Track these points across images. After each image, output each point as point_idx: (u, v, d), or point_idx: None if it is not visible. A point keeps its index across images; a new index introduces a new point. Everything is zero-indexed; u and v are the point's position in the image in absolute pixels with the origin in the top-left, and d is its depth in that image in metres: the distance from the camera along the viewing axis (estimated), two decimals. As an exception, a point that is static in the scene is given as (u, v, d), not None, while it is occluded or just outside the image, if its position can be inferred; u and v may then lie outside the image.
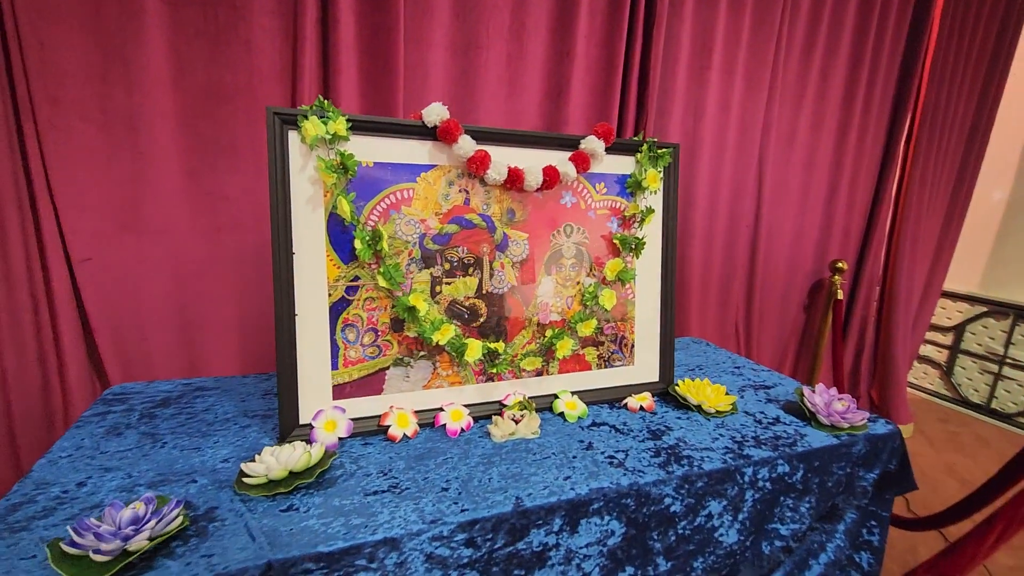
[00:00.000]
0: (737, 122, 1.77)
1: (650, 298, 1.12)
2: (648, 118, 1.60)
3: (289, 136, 0.84)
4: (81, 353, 1.26)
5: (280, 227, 0.83)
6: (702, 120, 1.72)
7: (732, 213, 1.85)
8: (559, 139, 1.00)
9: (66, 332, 1.23)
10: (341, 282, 0.89)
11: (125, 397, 1.02)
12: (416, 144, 0.91)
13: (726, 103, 1.74)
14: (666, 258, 1.11)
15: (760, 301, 1.97)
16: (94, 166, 1.18)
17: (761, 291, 1.96)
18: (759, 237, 1.89)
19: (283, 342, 0.85)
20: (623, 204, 1.07)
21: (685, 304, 1.83)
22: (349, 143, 0.87)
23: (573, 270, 1.05)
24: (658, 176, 1.05)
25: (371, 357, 0.92)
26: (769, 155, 1.83)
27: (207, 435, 0.89)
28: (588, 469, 0.83)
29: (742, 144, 1.80)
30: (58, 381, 1.26)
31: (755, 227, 1.89)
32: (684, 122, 1.71)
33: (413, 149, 0.91)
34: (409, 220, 0.92)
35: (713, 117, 1.73)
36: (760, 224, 1.88)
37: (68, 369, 1.24)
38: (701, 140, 1.72)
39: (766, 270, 1.96)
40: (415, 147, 0.91)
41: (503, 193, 0.98)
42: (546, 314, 1.03)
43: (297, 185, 0.85)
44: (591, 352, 1.08)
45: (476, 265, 0.97)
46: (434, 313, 0.94)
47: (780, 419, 1.03)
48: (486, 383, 1.01)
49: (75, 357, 1.24)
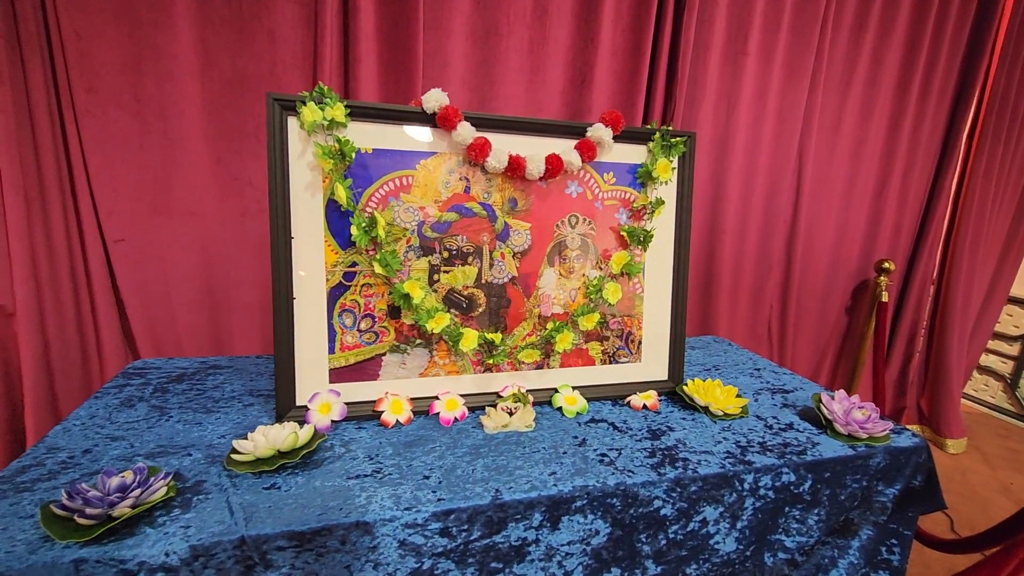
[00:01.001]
0: (775, 111, 1.68)
1: (660, 294, 1.08)
2: (677, 107, 1.53)
3: (288, 122, 0.85)
4: (116, 327, 1.34)
5: (279, 212, 0.85)
6: (736, 109, 1.63)
7: (768, 208, 1.75)
8: (565, 127, 0.97)
9: (102, 307, 1.31)
10: (339, 267, 0.90)
11: (144, 371, 1.07)
12: (416, 131, 0.91)
13: (763, 90, 1.65)
14: (678, 253, 1.07)
15: (797, 302, 1.86)
16: (127, 151, 1.25)
17: (798, 291, 1.86)
18: (797, 233, 1.78)
19: (281, 325, 0.87)
20: (633, 195, 1.03)
21: (713, 303, 1.76)
22: (348, 130, 0.87)
23: (578, 262, 1.02)
24: (670, 166, 1.00)
25: (368, 343, 0.93)
26: (810, 146, 1.72)
27: (211, 411, 0.92)
28: (576, 466, 0.81)
29: (780, 134, 1.70)
30: (95, 351, 1.34)
31: (793, 222, 1.79)
32: (716, 111, 1.63)
33: (413, 136, 0.91)
34: (408, 207, 0.92)
35: (748, 106, 1.64)
36: (799, 219, 1.77)
37: (104, 341, 1.33)
38: (735, 130, 1.64)
39: (805, 269, 1.85)
40: (415, 134, 0.91)
41: (505, 182, 0.96)
42: (548, 306, 1.01)
43: (296, 170, 0.86)
44: (595, 347, 1.06)
45: (475, 254, 0.96)
46: (430, 301, 0.94)
47: (793, 425, 0.97)
48: (484, 374, 1.00)
49: (110, 331, 1.33)
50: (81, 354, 1.33)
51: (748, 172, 1.69)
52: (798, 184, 1.76)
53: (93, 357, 1.34)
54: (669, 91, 1.54)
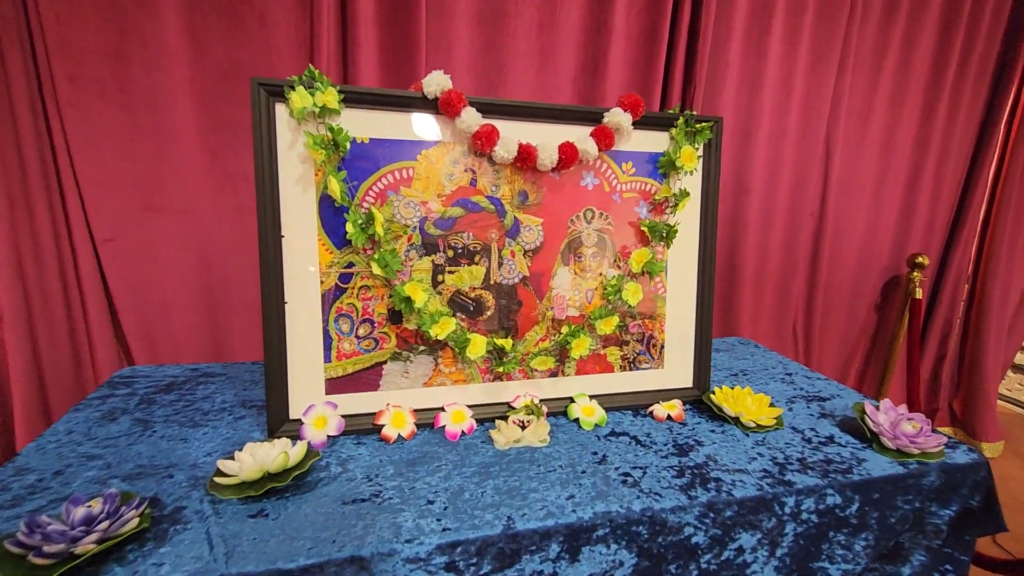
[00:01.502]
0: (801, 98, 1.58)
1: (684, 294, 0.99)
2: (696, 94, 1.44)
3: (276, 109, 0.77)
4: (108, 332, 1.28)
5: (267, 208, 0.78)
6: (759, 96, 1.53)
7: (793, 200, 1.65)
8: (579, 112, 0.89)
9: (93, 311, 1.24)
10: (334, 268, 0.82)
11: (131, 380, 1.00)
12: (416, 118, 0.83)
13: (788, 76, 1.55)
14: (704, 249, 0.98)
15: (824, 300, 1.77)
16: (115, 145, 1.18)
17: (826, 288, 1.76)
18: (824, 227, 1.68)
19: (271, 332, 0.80)
20: (654, 186, 0.94)
21: (735, 302, 1.66)
22: (342, 117, 0.79)
23: (594, 260, 0.94)
24: (695, 154, 0.91)
25: (367, 350, 0.85)
26: (838, 135, 1.62)
27: (199, 425, 0.85)
28: (597, 487, 0.73)
29: (806, 123, 1.60)
30: (89, 358, 1.28)
31: (820, 216, 1.69)
32: (738, 98, 1.53)
33: (413, 124, 0.83)
34: (408, 202, 0.84)
35: (772, 92, 1.55)
36: (826, 213, 1.67)
37: (97, 347, 1.27)
38: (758, 118, 1.54)
39: (832, 265, 1.75)
40: (415, 121, 0.83)
41: (514, 173, 0.88)
42: (562, 309, 0.93)
43: (286, 163, 0.78)
44: (614, 352, 0.97)
45: (483, 253, 0.88)
46: (434, 304, 0.86)
47: (835, 439, 0.88)
48: (493, 383, 0.92)
49: (103, 336, 1.26)
50: (74, 360, 1.27)
51: (773, 163, 1.59)
52: (825, 175, 1.65)
53: (87, 363, 1.28)
54: (688, 76, 1.45)
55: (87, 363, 1.28)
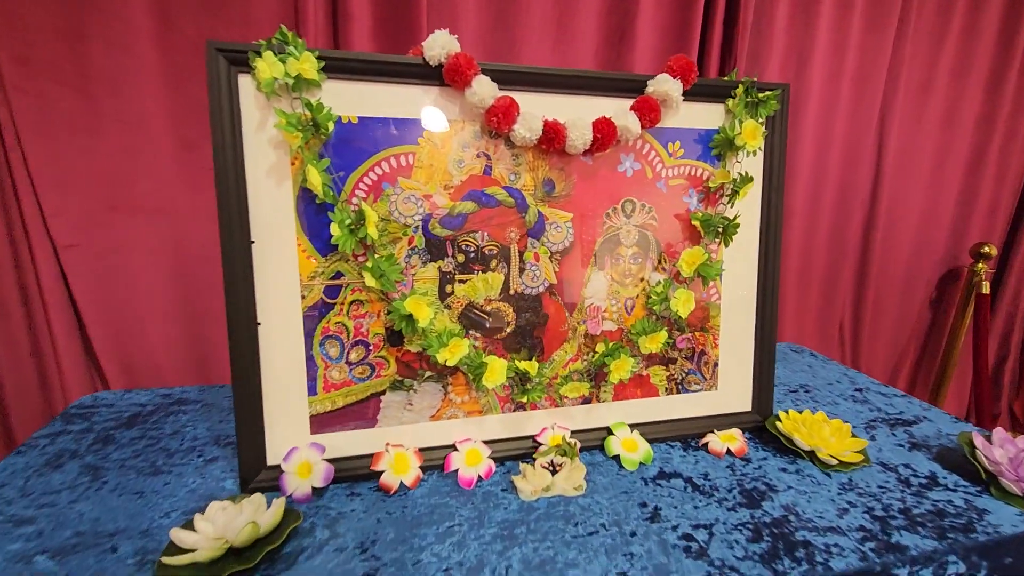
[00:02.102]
0: (853, 69, 1.39)
1: (742, 300, 0.82)
2: (737, 65, 1.26)
3: (240, 82, 0.61)
4: (77, 350, 1.13)
5: (231, 207, 0.62)
6: (807, 68, 1.35)
7: (843, 185, 1.47)
8: (617, 81, 0.72)
9: (59, 326, 1.10)
10: (318, 280, 0.67)
11: (90, 412, 0.86)
12: (417, 92, 0.66)
13: (840, 45, 1.36)
14: (767, 245, 0.81)
15: (875, 295, 1.59)
16: (74, 137, 1.03)
17: (877, 282, 1.58)
18: (877, 214, 1.50)
19: (241, 360, 0.64)
20: (707, 171, 0.78)
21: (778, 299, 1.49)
22: (323, 91, 0.63)
23: (635, 262, 0.77)
24: (759, 130, 0.74)
25: (361, 379, 0.70)
26: (895, 110, 1.43)
27: (160, 472, 0.70)
28: (654, 559, 0.57)
29: (859, 97, 1.41)
30: (57, 379, 1.14)
31: (872, 202, 1.51)
32: (783, 71, 1.35)
33: (413, 98, 0.66)
34: (409, 196, 0.68)
35: (822, 64, 1.36)
36: (879, 198, 1.49)
37: (65, 367, 1.12)
38: (806, 94, 1.36)
39: (884, 256, 1.57)
40: (415, 96, 0.66)
41: (538, 158, 0.71)
42: (597, 322, 0.77)
43: (254, 149, 0.62)
44: (658, 373, 0.81)
45: (501, 257, 0.72)
46: (443, 321, 0.70)
47: (938, 479, 0.72)
48: (515, 412, 0.76)
49: (71, 354, 1.12)
50: (40, 383, 1.13)
51: (821, 142, 1.41)
52: (879, 155, 1.47)
53: (55, 386, 1.14)
54: (727, 46, 1.27)
55: (55, 385, 1.14)
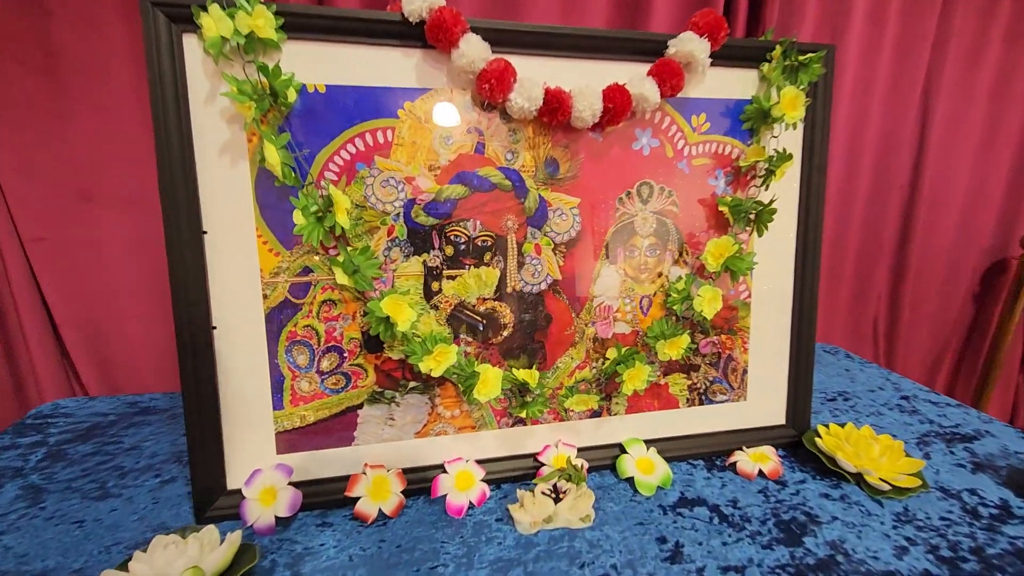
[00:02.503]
0: (894, 38, 1.26)
1: (777, 298, 0.72)
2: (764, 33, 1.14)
3: (185, 44, 0.52)
4: (51, 350, 1.06)
5: (177, 191, 0.53)
6: (843, 38, 1.22)
7: (880, 168, 1.34)
8: (633, 41, 0.61)
9: (30, 325, 1.03)
10: (283, 277, 0.57)
11: (47, 423, 0.78)
12: (396, 55, 0.56)
13: (879, 12, 1.23)
14: (806, 234, 0.70)
15: (913, 289, 1.46)
16: (39, 121, 0.94)
17: (915, 275, 1.45)
18: (917, 199, 1.37)
19: (193, 370, 0.56)
20: (737, 148, 0.67)
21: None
22: (284, 54, 0.54)
23: (652, 255, 0.67)
24: (801, 98, 0.63)
25: (334, 390, 0.61)
26: (941, 83, 1.30)
27: (109, 495, 0.62)
28: (674, 612, 0.47)
29: (901, 69, 1.28)
30: (32, 382, 1.07)
31: (912, 187, 1.37)
32: (817, 39, 1.22)
33: (391, 63, 0.56)
34: (387, 179, 0.58)
35: (860, 33, 1.23)
36: (920, 181, 1.36)
37: (39, 369, 1.05)
38: (842, 65, 1.23)
39: (925, 246, 1.43)
40: (394, 59, 0.56)
41: (539, 134, 0.61)
42: (608, 324, 0.67)
43: (204, 123, 0.53)
44: (679, 381, 0.71)
45: (496, 249, 0.62)
46: (428, 324, 0.61)
47: (1011, 509, 0.61)
48: (513, 428, 0.66)
49: (44, 355, 1.05)
50: (13, 387, 1.06)
51: (856, 120, 1.28)
52: (922, 134, 1.34)
53: (31, 389, 1.07)
54: (754, 13, 1.15)
55: (31, 388, 1.07)
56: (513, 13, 1.07)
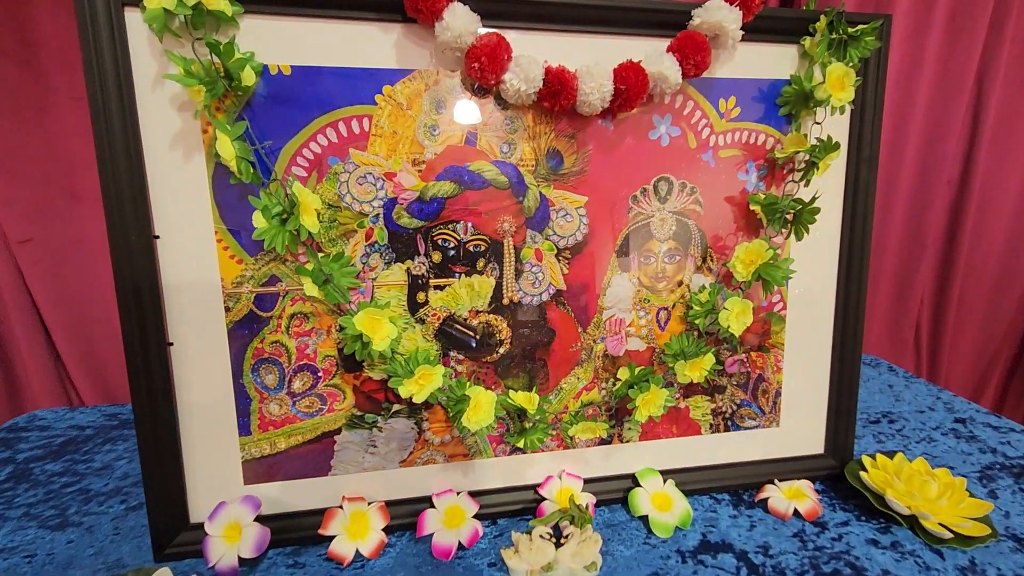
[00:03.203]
0: (944, 19, 1.14)
1: (817, 311, 0.62)
2: (801, 12, 1.03)
3: (128, 21, 0.45)
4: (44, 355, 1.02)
5: (121, 190, 0.46)
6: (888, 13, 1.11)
7: (925, 162, 1.22)
8: (650, 12, 0.52)
9: (21, 329, 0.99)
10: (247, 287, 0.51)
11: (19, 437, 0.73)
12: (372, 31, 0.49)
13: (928, -12, 1.11)
14: (852, 237, 0.61)
15: (960, 292, 1.33)
16: (21, 114, 0.90)
17: (963, 277, 1.32)
18: (968, 197, 1.25)
19: (148, 393, 0.49)
20: (773, 137, 0.58)
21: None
22: (242, 32, 0.47)
23: (671, 261, 0.58)
24: (851, 76, 0.53)
25: (308, 414, 0.54)
26: (997, 68, 1.17)
27: (68, 524, 0.57)
28: None
29: (951, 52, 1.16)
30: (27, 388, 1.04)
31: (962, 181, 1.25)
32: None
33: (367, 41, 0.49)
34: (364, 175, 0.51)
35: (907, 8, 1.12)
36: (971, 176, 1.24)
37: (32, 375, 1.01)
38: (884, 47, 1.11)
39: (974, 246, 1.31)
40: (370, 36, 0.49)
41: (539, 122, 0.53)
42: (619, 340, 0.59)
43: (151, 111, 0.46)
44: (701, 404, 0.62)
45: (491, 255, 0.54)
46: (414, 341, 0.54)
47: (1102, 567, 0.51)
48: (511, 455, 0.59)
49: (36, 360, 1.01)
50: (8, 395, 1.03)
51: (899, 109, 1.17)
52: (973, 125, 1.21)
53: (26, 394, 1.04)
54: (788, -7, 1.04)
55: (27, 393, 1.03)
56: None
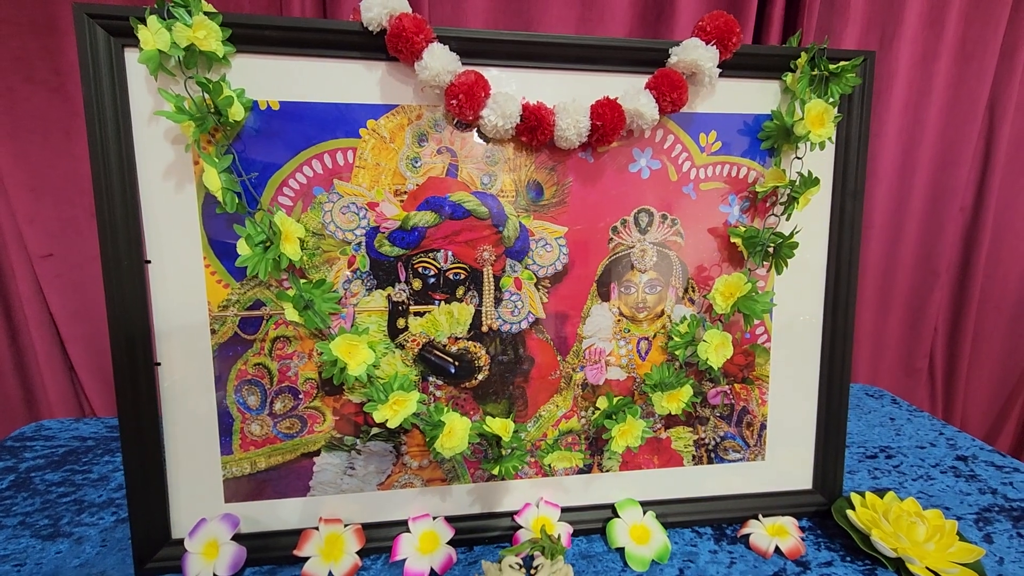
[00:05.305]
0: (954, 43, 1.12)
1: (802, 344, 0.62)
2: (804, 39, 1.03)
3: (126, 58, 0.48)
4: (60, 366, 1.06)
5: (115, 217, 0.49)
6: (892, 43, 1.10)
7: (937, 188, 1.20)
8: (626, 50, 0.53)
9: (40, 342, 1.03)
10: (232, 311, 0.53)
11: (25, 447, 0.76)
12: (357, 69, 0.51)
13: (937, 15, 1.10)
14: (839, 272, 0.60)
15: (976, 321, 1.30)
16: (47, 137, 0.95)
17: (979, 305, 1.29)
18: (981, 223, 1.22)
19: (134, 410, 0.51)
20: (754, 171, 0.58)
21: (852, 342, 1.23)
22: (233, 69, 0.49)
23: (652, 292, 0.58)
24: (830, 113, 0.53)
25: (288, 435, 0.55)
26: (1010, 92, 1.15)
27: (59, 535, 0.59)
28: None
29: (962, 75, 1.14)
30: (44, 399, 1.08)
31: (975, 208, 1.23)
32: (865, 45, 1.11)
33: (352, 77, 0.51)
34: (348, 205, 0.52)
35: (913, 39, 1.10)
36: (985, 202, 1.21)
37: (49, 386, 1.06)
38: (892, 73, 1.10)
39: (990, 273, 1.28)
40: (355, 73, 0.51)
41: (520, 155, 0.54)
42: (599, 369, 0.59)
43: (147, 145, 0.49)
44: (683, 435, 0.62)
45: (470, 283, 0.55)
46: (393, 366, 0.55)
47: (1097, 622, 0.49)
48: (488, 481, 0.59)
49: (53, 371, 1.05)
50: (25, 404, 1.07)
51: (909, 134, 1.15)
52: (987, 150, 1.19)
53: (43, 404, 1.08)
54: (792, 16, 1.04)
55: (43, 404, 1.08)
56: (526, 22, 1.01)
